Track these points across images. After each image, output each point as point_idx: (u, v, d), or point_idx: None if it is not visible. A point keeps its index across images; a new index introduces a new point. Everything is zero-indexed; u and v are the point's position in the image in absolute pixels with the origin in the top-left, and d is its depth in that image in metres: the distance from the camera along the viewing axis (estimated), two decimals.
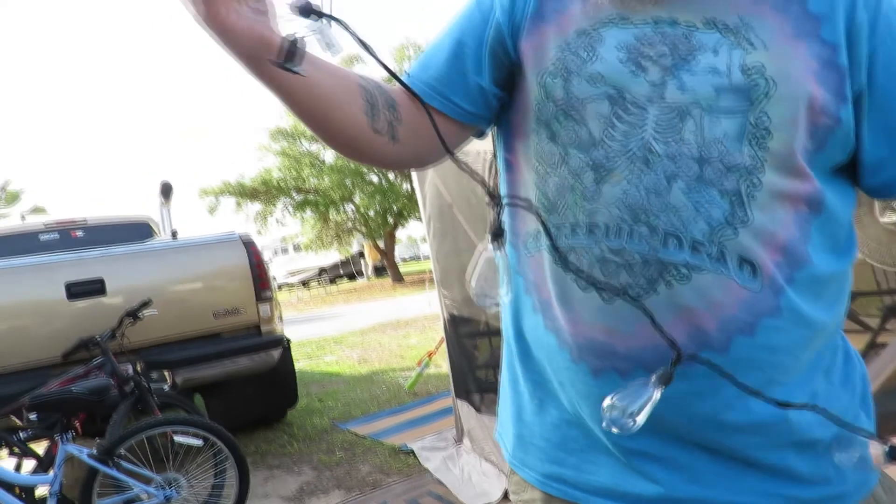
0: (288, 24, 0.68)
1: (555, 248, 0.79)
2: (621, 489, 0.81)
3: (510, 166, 0.90)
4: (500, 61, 0.86)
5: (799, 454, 0.77)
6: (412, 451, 3.74)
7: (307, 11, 0.64)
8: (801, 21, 0.74)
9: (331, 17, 0.65)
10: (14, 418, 2.88)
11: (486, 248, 0.70)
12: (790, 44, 0.74)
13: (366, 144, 0.84)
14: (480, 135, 0.94)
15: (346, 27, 0.67)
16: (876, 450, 0.65)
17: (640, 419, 0.67)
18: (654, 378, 0.68)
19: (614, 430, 0.68)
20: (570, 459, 0.85)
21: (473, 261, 0.71)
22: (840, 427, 0.68)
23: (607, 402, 0.68)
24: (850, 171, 0.80)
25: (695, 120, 0.73)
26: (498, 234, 0.69)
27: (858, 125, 0.76)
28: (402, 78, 0.85)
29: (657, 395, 0.67)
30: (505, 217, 0.91)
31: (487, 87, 0.86)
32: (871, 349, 2.83)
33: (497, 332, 3.96)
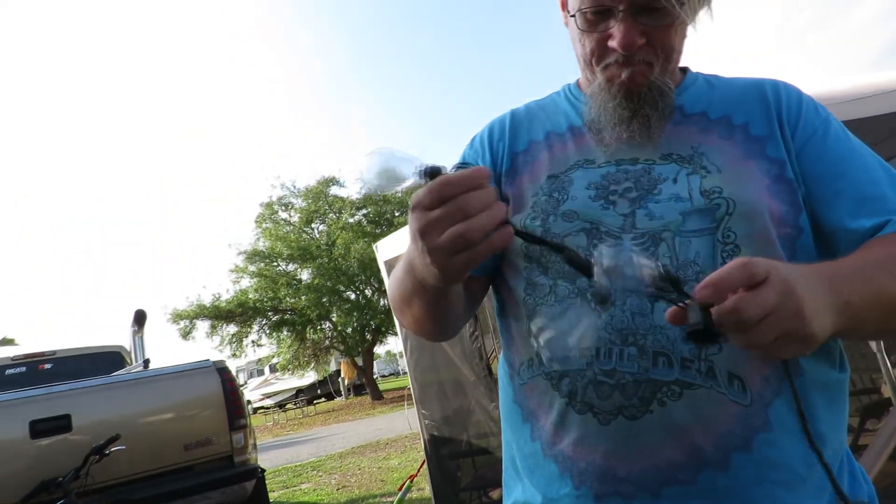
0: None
1: (548, 374, 0.81)
2: None
3: (502, 300, 0.94)
4: None
5: None
6: None
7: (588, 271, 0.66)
8: (747, 144, 0.84)
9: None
10: None
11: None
12: (742, 165, 0.82)
13: (458, 329, 0.96)
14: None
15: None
16: None
17: None
18: None
19: None
20: None
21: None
22: None
23: None
24: None
25: (667, 243, 0.78)
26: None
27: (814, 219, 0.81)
28: None
29: None
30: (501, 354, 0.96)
31: None
32: (854, 452, 2.81)
33: (479, 452, 3.85)
